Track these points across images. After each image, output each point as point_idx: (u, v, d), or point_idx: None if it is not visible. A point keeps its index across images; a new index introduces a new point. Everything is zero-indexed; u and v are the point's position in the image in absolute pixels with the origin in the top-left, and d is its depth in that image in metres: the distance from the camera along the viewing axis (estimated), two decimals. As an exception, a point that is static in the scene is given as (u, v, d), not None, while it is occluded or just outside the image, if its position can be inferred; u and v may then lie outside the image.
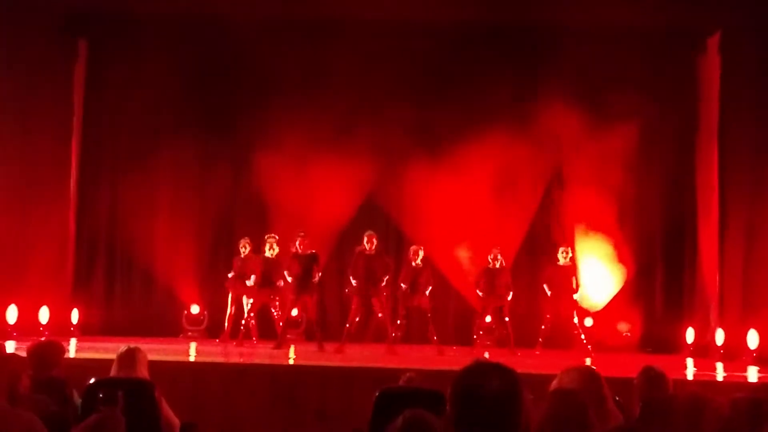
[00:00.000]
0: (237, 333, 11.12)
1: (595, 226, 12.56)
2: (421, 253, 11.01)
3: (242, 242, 11.55)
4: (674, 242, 12.88)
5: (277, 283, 11.05)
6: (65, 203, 12.58)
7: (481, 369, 2.44)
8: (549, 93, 12.11)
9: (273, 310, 11.21)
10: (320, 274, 10.96)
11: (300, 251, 10.78)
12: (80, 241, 12.98)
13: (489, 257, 11.42)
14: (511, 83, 12.31)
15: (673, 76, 12.70)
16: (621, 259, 12.59)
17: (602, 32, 12.27)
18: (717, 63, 11.80)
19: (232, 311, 11.47)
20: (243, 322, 11.15)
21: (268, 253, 11.08)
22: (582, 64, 12.21)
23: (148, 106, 12.74)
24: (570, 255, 11.67)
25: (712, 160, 11.95)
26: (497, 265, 11.34)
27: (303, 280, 10.70)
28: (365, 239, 10.77)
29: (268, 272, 11.03)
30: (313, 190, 12.35)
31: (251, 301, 11.20)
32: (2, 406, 3.50)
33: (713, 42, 12.05)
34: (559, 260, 11.60)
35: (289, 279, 10.76)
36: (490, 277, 11.33)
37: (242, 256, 11.49)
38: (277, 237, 11.18)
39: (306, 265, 10.74)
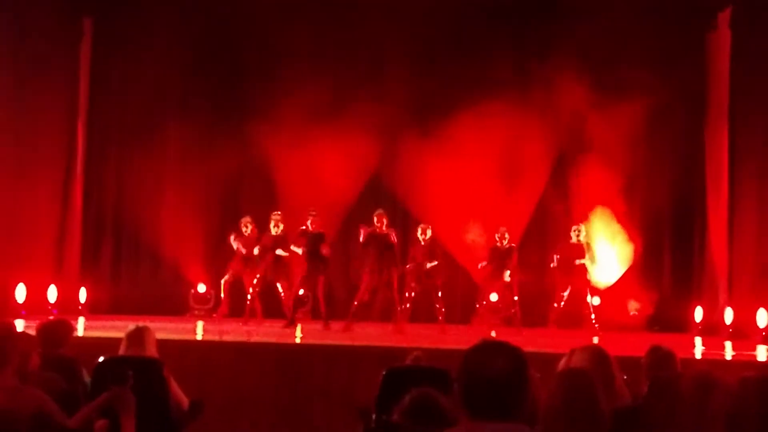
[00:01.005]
0: (234, 311, 11.11)
1: (604, 204, 12.51)
2: (429, 232, 11.00)
3: (244, 221, 11.38)
4: (683, 220, 12.83)
5: (284, 258, 10.99)
6: (72, 181, 12.59)
7: (488, 348, 2.45)
8: (557, 69, 12.02)
9: (280, 289, 11.17)
10: (328, 252, 10.88)
11: (310, 229, 10.76)
12: (87, 220, 13.01)
13: (496, 236, 11.42)
14: (520, 59, 12.24)
15: (683, 52, 12.56)
16: (629, 237, 12.55)
17: (611, 7, 12.16)
18: (728, 39, 11.70)
19: (226, 288, 11.37)
20: (248, 300, 11.10)
21: (273, 231, 11.04)
22: (591, 39, 12.10)
23: (154, 83, 12.68)
24: (581, 233, 11.62)
25: (722, 137, 11.87)
26: (504, 244, 11.35)
27: (310, 259, 10.69)
28: (375, 219, 10.67)
29: (275, 250, 10.98)
30: (320, 168, 12.31)
31: (257, 278, 11.14)
32: (13, 384, 3.52)
33: (724, 17, 11.93)
34: (571, 238, 11.57)
35: (299, 251, 10.70)
36: (497, 255, 11.33)
37: (245, 235, 11.34)
38: (280, 214, 11.14)
39: (313, 243, 10.72)
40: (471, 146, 12.27)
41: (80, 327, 9.65)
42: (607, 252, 12.52)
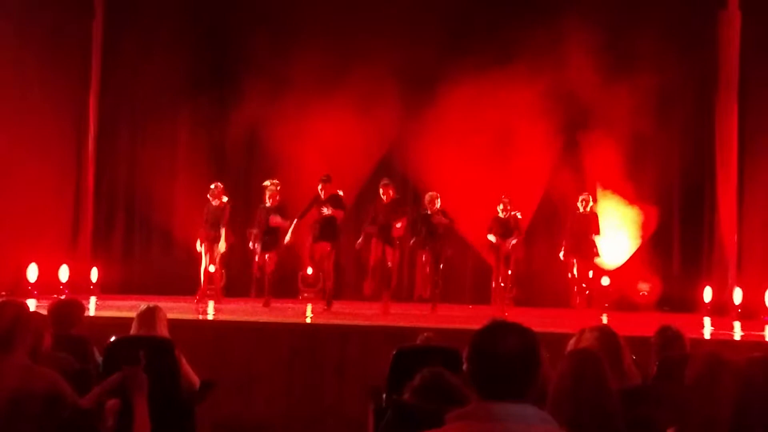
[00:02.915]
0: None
1: (613, 184, 12.49)
2: (438, 202, 10.66)
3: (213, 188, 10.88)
4: (692, 200, 12.80)
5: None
6: (84, 160, 12.63)
7: (498, 328, 2.46)
8: (569, 43, 11.98)
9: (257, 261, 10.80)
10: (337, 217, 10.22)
11: (322, 197, 10.19)
12: (99, 200, 13.06)
13: (498, 207, 11.33)
14: (532, 31, 12.15)
15: (694, 30, 12.49)
16: (638, 217, 12.53)
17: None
18: (738, 17, 11.63)
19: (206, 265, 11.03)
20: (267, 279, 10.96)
21: (267, 203, 10.62)
22: (602, 15, 12.06)
23: (165, 60, 12.67)
24: (590, 204, 11.49)
25: (731, 117, 11.83)
26: (506, 215, 11.24)
27: (323, 227, 10.16)
28: (381, 190, 10.38)
29: (268, 223, 10.56)
30: (332, 146, 12.27)
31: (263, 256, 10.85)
32: (25, 363, 3.55)
33: (734, -4, 11.88)
34: (578, 209, 11.48)
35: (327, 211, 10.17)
36: (499, 226, 11.23)
37: (213, 204, 10.87)
38: (277, 184, 10.64)
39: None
40: (482, 121, 12.23)
41: (92, 307, 9.71)
42: (616, 232, 12.50)
